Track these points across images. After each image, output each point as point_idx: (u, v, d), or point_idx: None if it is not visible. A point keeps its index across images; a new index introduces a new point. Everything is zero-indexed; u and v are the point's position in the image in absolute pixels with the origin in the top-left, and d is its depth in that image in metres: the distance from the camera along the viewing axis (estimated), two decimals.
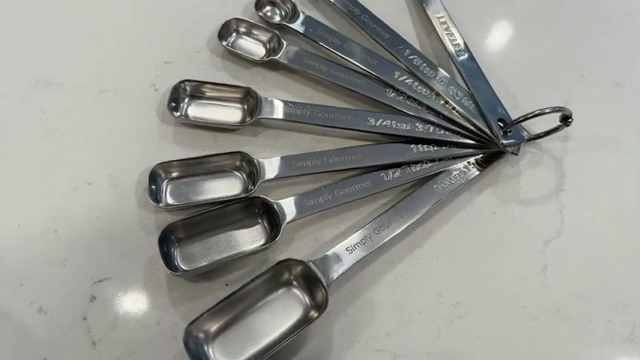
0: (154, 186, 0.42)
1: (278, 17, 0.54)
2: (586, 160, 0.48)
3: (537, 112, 0.43)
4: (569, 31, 0.57)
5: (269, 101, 0.47)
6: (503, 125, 0.46)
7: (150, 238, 0.41)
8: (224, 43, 0.51)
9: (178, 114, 0.47)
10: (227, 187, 0.43)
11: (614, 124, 0.50)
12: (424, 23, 0.56)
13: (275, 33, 0.52)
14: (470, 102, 0.48)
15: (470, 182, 0.45)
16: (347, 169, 0.44)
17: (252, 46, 0.52)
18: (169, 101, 0.46)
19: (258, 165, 0.43)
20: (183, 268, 0.39)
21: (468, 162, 0.46)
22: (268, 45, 0.52)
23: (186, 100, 0.47)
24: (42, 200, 0.43)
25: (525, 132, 0.47)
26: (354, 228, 0.42)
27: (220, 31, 0.51)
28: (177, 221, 0.40)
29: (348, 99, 0.50)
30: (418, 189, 0.44)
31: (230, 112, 0.48)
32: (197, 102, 0.48)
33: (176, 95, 0.47)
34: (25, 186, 0.44)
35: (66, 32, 0.53)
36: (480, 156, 0.47)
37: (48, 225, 0.42)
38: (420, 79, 0.49)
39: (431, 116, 0.48)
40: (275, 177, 0.43)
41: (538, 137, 0.47)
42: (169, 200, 0.42)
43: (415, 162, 0.46)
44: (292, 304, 0.39)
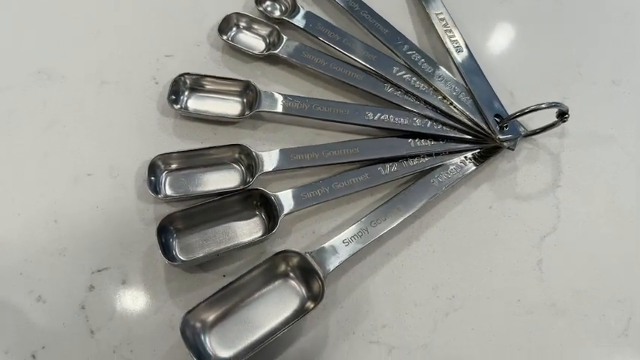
0: (154, 177, 0.42)
1: (278, 12, 0.55)
2: (582, 157, 0.49)
3: (534, 108, 0.43)
4: (566, 29, 0.57)
5: (268, 95, 0.47)
6: (500, 121, 0.47)
7: (149, 229, 0.42)
8: (224, 37, 0.51)
9: (178, 107, 0.47)
10: (226, 179, 0.44)
11: (610, 121, 0.51)
12: (423, 20, 0.56)
13: (275, 28, 0.52)
14: (467, 97, 0.49)
15: (466, 177, 0.46)
16: (345, 163, 0.45)
17: (252, 41, 0.52)
18: (169, 94, 0.47)
19: (256, 157, 0.43)
20: (181, 259, 0.40)
21: (465, 157, 0.47)
22: (268, 39, 0.52)
23: (186, 93, 0.48)
24: (42, 190, 0.43)
25: (522, 128, 0.47)
26: (351, 221, 0.43)
27: (221, 26, 0.51)
28: (175, 212, 0.40)
29: (347, 93, 0.50)
30: (415, 183, 0.44)
31: (229, 106, 0.48)
32: (197, 95, 0.48)
33: (176, 88, 0.47)
34: (26, 176, 0.44)
35: (68, 26, 0.53)
36: (477, 151, 0.47)
37: (48, 215, 0.42)
38: (418, 75, 0.50)
39: (428, 111, 0.48)
40: (273, 170, 0.43)
41: (535, 133, 0.47)
42: (168, 191, 0.43)
43: (412, 156, 0.46)
44: (289, 295, 0.39)
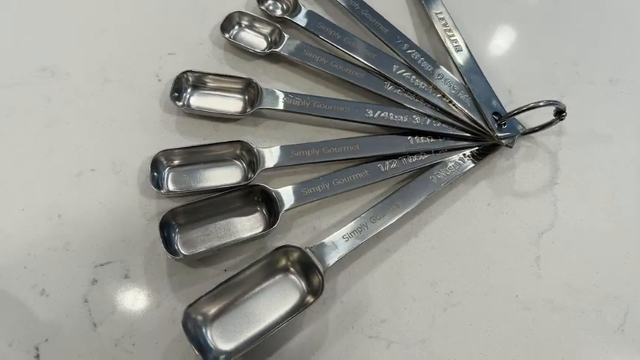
0: (156, 173, 0.43)
1: (280, 11, 0.55)
2: (580, 155, 0.49)
3: (532, 105, 0.43)
4: (564, 28, 0.58)
5: (270, 92, 0.48)
6: (498, 118, 0.47)
7: (151, 224, 0.42)
8: (226, 36, 0.51)
9: (181, 104, 0.47)
10: (227, 175, 0.44)
11: (608, 120, 0.51)
12: (423, 19, 0.57)
13: (276, 26, 0.52)
14: (466, 96, 0.49)
15: (465, 174, 0.46)
16: (345, 160, 0.45)
17: (253, 39, 0.53)
18: (172, 91, 0.47)
19: (258, 154, 0.44)
20: (183, 253, 0.40)
21: (464, 154, 0.47)
22: (270, 38, 0.53)
23: (188, 91, 0.48)
24: (46, 185, 0.44)
25: (520, 126, 0.48)
26: (351, 217, 0.43)
27: (223, 24, 0.52)
28: (178, 207, 0.40)
29: (347, 91, 0.51)
30: (414, 180, 0.45)
31: (231, 103, 0.49)
32: (199, 92, 0.49)
33: (179, 85, 0.48)
34: (30, 172, 0.45)
35: (71, 23, 0.53)
36: (476, 148, 0.48)
37: (52, 210, 0.43)
38: (418, 73, 0.50)
39: (428, 109, 0.49)
40: (274, 166, 0.44)
41: (533, 131, 0.48)
42: (171, 187, 0.43)
43: (412, 153, 0.46)
44: (289, 290, 0.40)
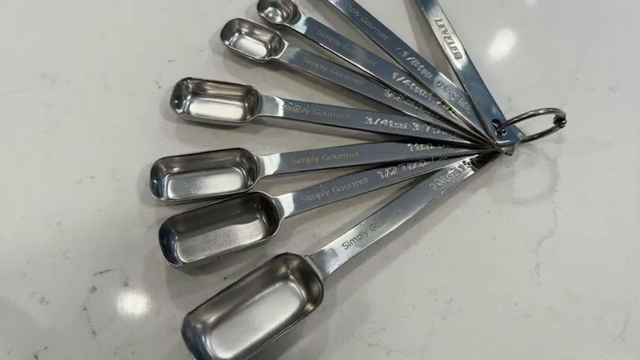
0: (156, 180, 0.43)
1: (279, 18, 0.55)
2: (580, 162, 0.49)
3: (531, 113, 0.43)
4: (564, 36, 0.58)
5: (269, 99, 0.48)
6: (498, 126, 0.47)
7: (151, 232, 0.42)
8: (226, 43, 0.52)
9: (180, 111, 0.47)
10: (227, 183, 0.44)
11: (607, 127, 0.51)
12: (423, 26, 0.57)
13: (276, 33, 0.53)
14: (466, 103, 0.49)
15: (465, 181, 0.46)
16: (344, 167, 0.45)
17: (253, 46, 0.53)
18: (172, 98, 0.47)
19: (257, 161, 0.44)
20: (182, 261, 0.40)
21: (464, 161, 0.47)
22: (269, 45, 0.53)
23: (188, 98, 0.48)
24: (46, 193, 0.44)
25: (520, 133, 0.48)
26: (351, 224, 0.43)
27: (223, 31, 0.52)
28: (177, 215, 0.40)
29: (347, 99, 0.51)
30: (414, 187, 0.45)
31: (231, 110, 0.49)
32: (199, 99, 0.49)
33: (179, 92, 0.48)
34: (30, 179, 0.45)
35: (72, 30, 0.54)
36: (475, 156, 0.48)
37: (51, 217, 0.43)
38: (418, 80, 0.50)
39: (427, 116, 0.49)
40: (274, 173, 0.44)
41: (532, 138, 0.48)
42: (170, 194, 0.43)
43: (411, 161, 0.46)
44: (289, 298, 0.39)
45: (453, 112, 0.49)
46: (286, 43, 0.52)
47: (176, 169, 0.44)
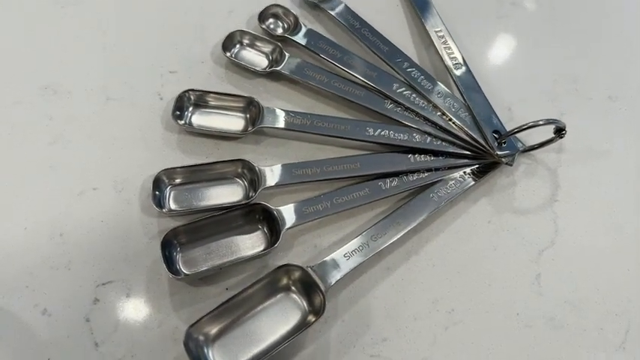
0: (158, 192, 0.43)
1: (280, 30, 0.56)
2: (580, 172, 0.49)
3: (531, 124, 0.44)
4: (563, 46, 0.58)
5: (271, 111, 0.48)
6: (498, 136, 0.47)
7: (153, 243, 0.42)
8: (228, 54, 0.52)
9: (182, 122, 0.48)
10: (229, 194, 0.44)
11: (607, 137, 0.51)
12: (422, 37, 0.57)
13: (277, 45, 0.53)
14: (466, 114, 0.49)
15: (465, 192, 0.46)
16: (346, 178, 0.45)
17: (255, 58, 0.53)
18: (174, 110, 0.47)
19: (259, 172, 0.44)
20: (184, 272, 0.40)
21: (464, 172, 0.47)
22: (271, 56, 0.53)
23: (190, 109, 0.49)
24: (48, 204, 0.44)
25: (520, 143, 0.48)
26: (352, 235, 0.43)
27: (224, 43, 0.52)
28: (179, 226, 0.41)
29: (348, 109, 0.51)
30: (415, 198, 0.45)
31: (233, 121, 0.49)
32: (201, 111, 0.49)
33: (180, 104, 0.48)
34: (32, 190, 0.45)
35: (73, 42, 0.54)
36: (476, 166, 0.48)
37: (53, 228, 0.43)
38: (418, 91, 0.50)
39: (428, 127, 0.49)
40: (275, 184, 0.44)
41: (532, 149, 0.48)
42: (172, 206, 0.43)
43: (412, 171, 0.46)
44: (290, 309, 0.39)
45: (454, 123, 0.49)
46: (287, 55, 0.52)
47: (178, 181, 0.44)
